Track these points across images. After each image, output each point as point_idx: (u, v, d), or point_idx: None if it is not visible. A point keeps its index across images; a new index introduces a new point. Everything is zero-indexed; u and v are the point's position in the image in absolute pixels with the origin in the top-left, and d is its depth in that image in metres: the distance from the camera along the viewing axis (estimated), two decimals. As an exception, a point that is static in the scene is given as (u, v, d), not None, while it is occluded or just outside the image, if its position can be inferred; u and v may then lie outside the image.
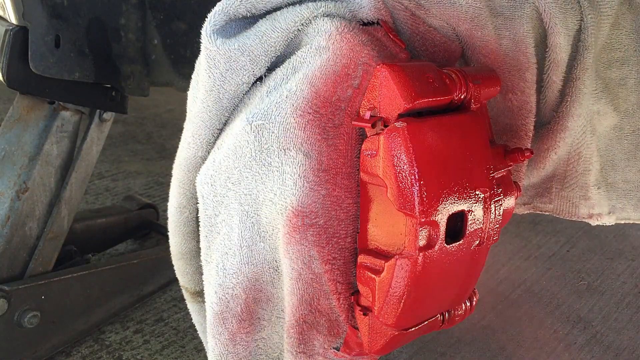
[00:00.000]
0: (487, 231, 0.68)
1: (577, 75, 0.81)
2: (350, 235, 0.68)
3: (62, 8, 1.01)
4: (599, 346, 1.51)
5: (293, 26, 0.68)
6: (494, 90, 0.72)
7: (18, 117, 1.09)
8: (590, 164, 0.88)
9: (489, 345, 1.51)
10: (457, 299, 0.73)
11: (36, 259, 1.12)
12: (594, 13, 0.79)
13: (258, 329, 0.77)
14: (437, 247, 0.62)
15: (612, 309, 1.66)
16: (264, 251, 0.71)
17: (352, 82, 0.66)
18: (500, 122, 0.84)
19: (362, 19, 0.70)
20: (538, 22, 0.78)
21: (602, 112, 0.88)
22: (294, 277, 0.69)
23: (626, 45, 0.84)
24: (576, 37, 0.80)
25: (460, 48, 0.78)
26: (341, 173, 0.67)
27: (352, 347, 0.73)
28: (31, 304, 1.11)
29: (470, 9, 0.73)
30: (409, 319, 0.67)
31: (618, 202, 0.92)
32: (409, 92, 0.61)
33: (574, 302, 1.68)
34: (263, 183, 0.68)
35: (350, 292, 0.70)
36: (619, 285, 1.76)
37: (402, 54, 0.71)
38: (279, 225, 0.68)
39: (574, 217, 0.92)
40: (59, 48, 1.00)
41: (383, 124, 0.63)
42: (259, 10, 0.70)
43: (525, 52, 0.78)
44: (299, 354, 0.74)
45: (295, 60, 0.68)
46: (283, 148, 0.66)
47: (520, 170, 0.87)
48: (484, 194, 0.66)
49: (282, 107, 0.66)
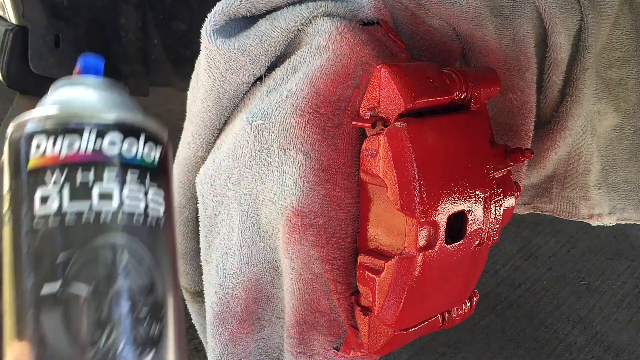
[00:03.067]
0: (487, 231, 0.68)
1: (577, 75, 0.81)
2: (350, 235, 0.68)
3: (62, 8, 1.01)
4: (599, 346, 1.51)
5: (293, 26, 0.68)
6: (494, 90, 0.72)
7: (18, 117, 1.09)
8: (591, 164, 0.88)
9: (489, 345, 1.51)
10: (457, 299, 0.73)
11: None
12: (594, 13, 0.79)
13: (258, 329, 0.76)
14: (437, 247, 0.62)
15: (612, 309, 1.66)
16: (264, 251, 0.71)
17: (352, 82, 0.65)
18: (500, 122, 0.83)
19: (362, 19, 0.70)
20: (538, 21, 0.78)
21: (603, 112, 0.87)
22: (294, 277, 0.69)
23: (626, 45, 0.84)
24: (576, 37, 0.80)
25: (461, 48, 0.78)
26: (341, 173, 0.66)
27: (352, 347, 0.73)
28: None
29: (471, 8, 0.73)
30: (409, 319, 0.67)
31: (619, 202, 0.92)
32: (409, 92, 0.61)
33: (574, 303, 1.68)
34: (263, 183, 0.68)
35: (350, 292, 0.70)
36: (619, 285, 1.76)
37: (402, 54, 0.71)
38: (279, 225, 0.68)
39: (574, 217, 0.92)
40: (59, 48, 1.00)
41: (383, 124, 0.63)
42: (259, 10, 0.70)
43: (526, 52, 0.77)
44: (299, 354, 0.74)
45: (295, 60, 0.68)
46: (283, 148, 0.66)
47: (520, 170, 0.86)
48: (484, 194, 0.66)
49: (282, 107, 0.66)
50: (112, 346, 0.39)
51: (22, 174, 0.40)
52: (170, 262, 0.43)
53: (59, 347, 0.38)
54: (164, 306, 0.42)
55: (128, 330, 0.39)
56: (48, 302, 0.38)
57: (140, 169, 0.42)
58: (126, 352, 0.39)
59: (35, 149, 0.40)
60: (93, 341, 0.38)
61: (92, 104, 0.42)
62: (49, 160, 0.39)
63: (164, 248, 0.43)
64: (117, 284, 0.39)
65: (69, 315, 0.38)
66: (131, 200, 0.41)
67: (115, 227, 0.40)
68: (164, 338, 0.41)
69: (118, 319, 0.39)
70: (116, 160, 0.41)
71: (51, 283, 0.38)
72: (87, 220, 0.39)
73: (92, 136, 0.40)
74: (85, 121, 0.40)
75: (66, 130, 0.40)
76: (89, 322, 0.38)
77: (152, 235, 0.42)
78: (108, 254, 0.39)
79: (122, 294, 0.39)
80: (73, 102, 0.42)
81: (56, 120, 0.40)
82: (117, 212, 0.40)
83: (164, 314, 0.42)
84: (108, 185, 0.40)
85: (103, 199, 0.40)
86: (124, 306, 0.39)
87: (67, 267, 0.38)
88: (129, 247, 0.40)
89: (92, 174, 0.40)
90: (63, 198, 0.39)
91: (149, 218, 0.42)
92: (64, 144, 0.39)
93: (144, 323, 0.40)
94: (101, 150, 0.40)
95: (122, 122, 0.41)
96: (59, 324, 0.38)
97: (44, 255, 0.39)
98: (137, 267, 0.40)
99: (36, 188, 0.39)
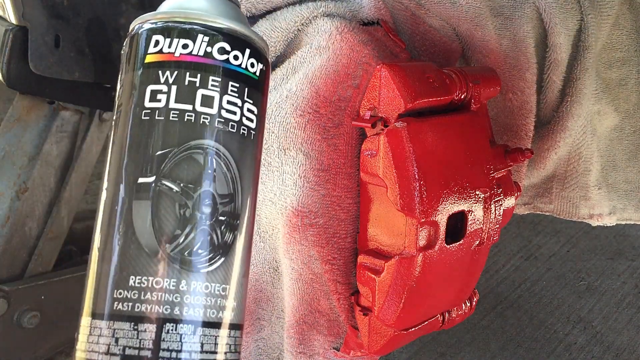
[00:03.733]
0: (487, 231, 0.68)
1: (577, 76, 0.81)
2: (350, 235, 0.68)
3: (62, 8, 1.01)
4: (599, 346, 1.51)
5: (293, 26, 0.68)
6: (494, 90, 0.72)
7: (18, 117, 1.09)
8: (591, 164, 0.88)
9: (489, 345, 1.51)
10: (458, 299, 0.73)
11: (36, 259, 1.12)
12: (594, 13, 0.79)
13: (258, 329, 0.76)
14: (437, 247, 0.62)
15: (612, 309, 1.66)
16: (264, 251, 0.71)
17: (352, 82, 0.65)
18: (500, 122, 0.83)
19: (362, 19, 0.70)
20: (538, 22, 0.78)
21: (603, 112, 0.87)
22: (294, 278, 0.69)
23: (627, 45, 0.84)
24: (576, 37, 0.80)
25: (461, 48, 0.78)
26: (341, 173, 0.66)
27: (352, 347, 0.73)
28: (31, 304, 1.11)
29: (471, 8, 0.73)
30: (409, 319, 0.67)
31: (619, 202, 0.92)
32: (409, 92, 0.61)
33: (574, 303, 1.68)
34: (263, 183, 0.68)
35: (350, 292, 0.70)
36: (619, 285, 1.76)
37: (403, 54, 0.71)
38: (279, 225, 0.68)
39: (574, 217, 0.92)
40: (59, 48, 1.00)
41: (383, 124, 0.63)
42: (259, 10, 0.70)
43: (526, 52, 0.77)
44: (298, 354, 0.74)
45: (295, 60, 0.68)
46: (283, 148, 0.66)
47: (520, 170, 0.86)
48: (484, 194, 0.66)
49: (281, 107, 0.66)
50: (189, 245, 0.41)
51: (139, 67, 0.43)
52: (253, 177, 0.46)
53: (143, 236, 0.41)
54: (239, 218, 0.44)
55: (205, 233, 0.42)
56: (142, 190, 0.41)
57: (241, 81, 0.44)
58: (199, 253, 0.42)
59: (154, 46, 0.43)
60: (174, 236, 0.41)
61: (208, 11, 0.45)
62: (164, 57, 0.43)
63: (250, 161, 0.45)
64: (204, 186, 0.42)
65: (158, 207, 0.41)
66: (229, 108, 0.44)
67: (212, 131, 0.42)
68: (234, 249, 0.44)
69: (198, 220, 0.42)
70: (222, 68, 0.43)
71: (148, 173, 0.41)
72: (188, 119, 0.42)
73: (205, 40, 0.43)
74: (200, 26, 0.43)
75: (182, 32, 0.43)
76: (173, 217, 0.41)
77: (241, 146, 0.44)
78: (200, 156, 0.42)
79: (206, 197, 0.42)
80: (191, 7, 0.45)
81: (175, 22, 0.43)
82: (215, 117, 0.43)
83: (238, 224, 0.44)
84: (212, 90, 0.43)
85: (205, 103, 0.42)
86: (205, 209, 0.42)
87: (163, 162, 0.41)
88: (219, 153, 0.43)
89: (200, 76, 0.43)
90: (171, 95, 0.42)
91: (241, 129, 0.44)
92: (179, 44, 0.43)
93: (220, 229, 0.43)
94: (212, 55, 0.43)
95: (232, 33, 0.44)
96: (147, 214, 0.41)
97: (147, 146, 0.42)
98: (223, 174, 0.43)
99: (149, 82, 0.43)
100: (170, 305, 0.40)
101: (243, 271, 0.45)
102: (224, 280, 0.43)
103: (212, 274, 0.42)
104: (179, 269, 0.41)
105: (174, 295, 0.40)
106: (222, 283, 0.42)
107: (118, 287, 0.41)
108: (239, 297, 0.44)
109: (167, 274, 0.40)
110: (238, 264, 0.44)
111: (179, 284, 0.40)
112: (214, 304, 0.42)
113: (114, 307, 0.40)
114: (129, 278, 0.40)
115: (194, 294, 0.41)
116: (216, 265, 0.42)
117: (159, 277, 0.40)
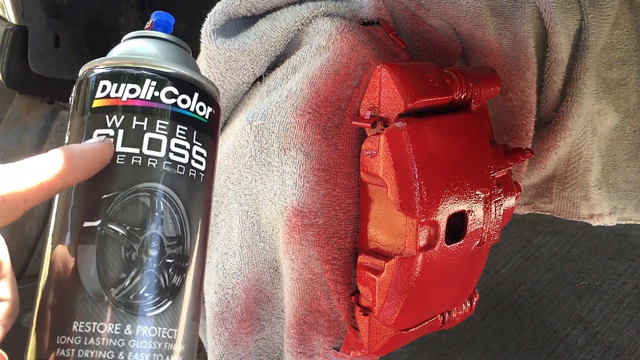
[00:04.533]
0: (487, 231, 0.68)
1: (577, 75, 0.81)
2: (350, 235, 0.68)
3: (61, 8, 1.01)
4: (599, 346, 1.51)
5: (293, 26, 0.68)
6: (494, 90, 0.72)
7: (17, 117, 1.09)
8: (591, 164, 0.88)
9: (489, 345, 1.51)
10: (458, 299, 0.73)
11: (36, 259, 1.12)
12: (594, 13, 0.79)
13: (258, 329, 0.76)
14: (437, 247, 0.62)
15: (612, 309, 1.66)
16: (264, 251, 0.71)
17: (352, 82, 0.65)
18: (500, 122, 0.83)
19: (362, 19, 0.70)
20: (538, 21, 0.78)
21: (603, 112, 0.87)
22: (294, 278, 0.69)
23: (627, 45, 0.84)
24: (577, 37, 0.80)
25: (461, 48, 0.78)
26: (341, 173, 0.66)
27: (352, 347, 0.73)
28: (31, 304, 1.11)
29: (471, 8, 0.73)
30: (409, 319, 0.67)
31: (619, 202, 0.92)
32: (409, 92, 0.61)
33: (574, 303, 1.68)
34: (263, 183, 0.68)
35: (350, 292, 0.70)
36: (620, 285, 1.76)
37: (403, 54, 0.71)
38: (279, 225, 0.68)
39: (574, 217, 0.92)
40: (59, 48, 1.01)
41: (383, 124, 0.63)
42: (259, 9, 0.69)
43: (526, 52, 0.77)
44: (299, 355, 0.74)
45: (295, 59, 0.68)
46: (283, 148, 0.66)
47: (520, 170, 0.86)
48: (484, 194, 0.66)
49: (282, 107, 0.66)
50: (134, 288, 0.41)
51: (87, 111, 0.43)
52: (202, 218, 0.45)
53: (88, 280, 0.40)
54: (188, 260, 0.44)
55: (152, 276, 0.41)
56: (88, 234, 0.41)
57: (189, 125, 0.44)
58: (146, 297, 0.41)
59: (101, 91, 0.43)
60: (119, 280, 0.40)
61: (157, 57, 0.45)
62: (111, 102, 0.43)
63: (199, 203, 0.45)
64: (150, 229, 0.42)
65: (103, 251, 0.41)
66: (177, 150, 0.44)
67: (159, 174, 0.42)
68: (182, 291, 0.43)
69: (145, 264, 0.41)
70: (170, 111, 0.43)
71: (94, 217, 0.41)
72: (135, 162, 0.42)
73: (153, 85, 0.43)
74: (149, 71, 0.43)
75: (130, 77, 0.43)
76: (118, 261, 0.41)
77: (190, 188, 0.44)
78: (147, 199, 0.42)
79: (152, 240, 0.42)
80: (139, 53, 0.45)
81: (123, 67, 0.43)
82: (162, 159, 0.43)
83: (187, 267, 0.43)
84: (159, 133, 0.43)
85: (152, 146, 0.42)
86: (152, 252, 0.41)
87: (109, 205, 0.41)
88: (167, 196, 0.43)
89: (147, 120, 0.43)
90: (118, 138, 0.42)
91: (190, 172, 0.44)
92: (127, 88, 0.43)
93: (168, 272, 0.42)
94: (159, 99, 0.43)
95: (181, 77, 0.44)
96: (92, 258, 0.40)
97: (93, 190, 0.42)
98: (171, 216, 0.43)
99: (96, 126, 0.42)
100: (115, 351, 0.39)
101: (192, 314, 0.43)
102: (171, 324, 0.42)
103: (159, 317, 0.41)
104: (123, 313, 0.40)
105: (119, 340, 0.39)
106: (170, 327, 0.41)
107: (61, 334, 0.40)
108: (188, 340, 0.43)
109: (112, 319, 0.40)
110: (187, 307, 0.43)
111: (123, 329, 0.40)
112: (160, 349, 0.41)
113: (57, 354, 0.40)
114: (72, 324, 0.40)
115: (140, 338, 0.40)
116: (163, 308, 0.41)
117: (103, 322, 0.39)
